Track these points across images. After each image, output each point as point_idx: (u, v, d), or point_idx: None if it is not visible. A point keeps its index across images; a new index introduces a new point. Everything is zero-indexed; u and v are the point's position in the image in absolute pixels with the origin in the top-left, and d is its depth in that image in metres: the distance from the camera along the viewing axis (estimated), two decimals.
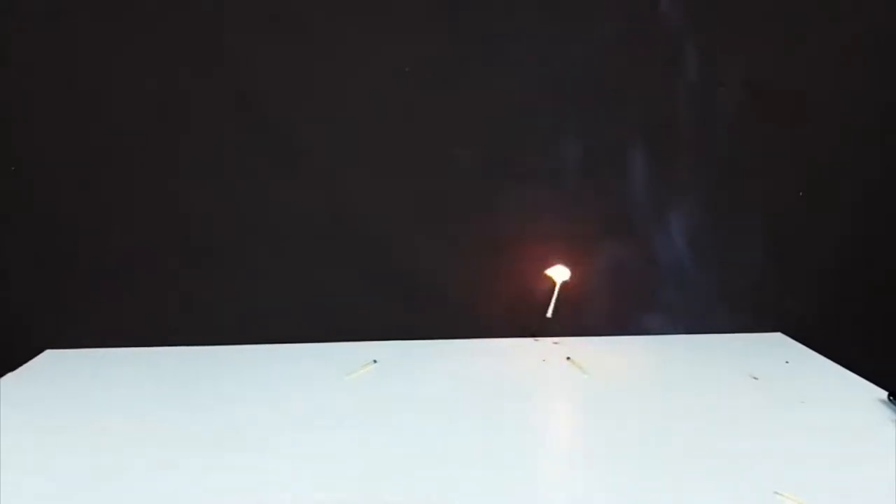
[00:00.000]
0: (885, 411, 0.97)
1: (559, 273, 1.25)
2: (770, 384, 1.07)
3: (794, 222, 1.27)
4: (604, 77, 1.21)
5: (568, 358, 1.18)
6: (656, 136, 1.22)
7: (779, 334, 1.28)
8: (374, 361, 1.16)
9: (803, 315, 1.29)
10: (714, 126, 1.23)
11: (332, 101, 1.19)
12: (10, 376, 1.13)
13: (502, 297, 1.26)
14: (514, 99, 1.20)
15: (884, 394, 1.02)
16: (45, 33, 1.15)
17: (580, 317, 1.26)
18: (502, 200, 1.23)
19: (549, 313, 1.24)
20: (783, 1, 1.20)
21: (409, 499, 0.79)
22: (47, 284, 1.22)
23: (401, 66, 1.19)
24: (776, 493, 0.78)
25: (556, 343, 1.25)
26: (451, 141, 1.21)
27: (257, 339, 1.24)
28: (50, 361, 1.19)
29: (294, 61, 1.18)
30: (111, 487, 0.81)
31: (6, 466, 0.85)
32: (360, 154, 1.21)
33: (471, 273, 1.25)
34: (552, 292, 1.24)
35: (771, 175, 1.25)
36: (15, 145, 1.18)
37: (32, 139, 1.18)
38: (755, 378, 1.09)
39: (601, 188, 1.24)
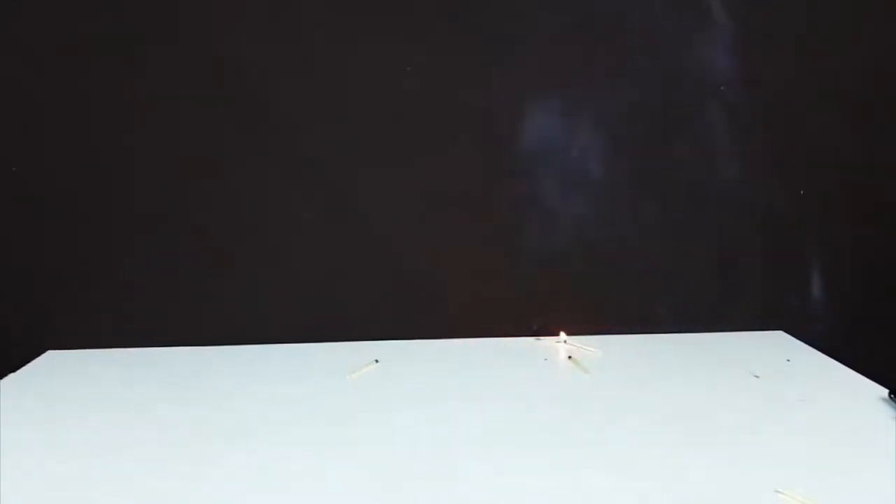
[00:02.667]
0: (886, 409, 0.97)
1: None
2: (771, 382, 1.07)
3: (796, 220, 1.27)
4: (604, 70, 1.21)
5: (569, 357, 1.18)
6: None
7: (780, 332, 1.28)
8: (376, 361, 1.16)
9: (805, 313, 1.29)
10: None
11: (333, 100, 1.20)
12: (11, 377, 1.13)
13: (503, 296, 1.26)
14: (517, 97, 1.21)
15: (884, 391, 1.02)
16: (47, 32, 1.16)
17: (582, 314, 1.27)
18: (503, 199, 1.24)
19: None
20: None
21: (409, 496, 0.79)
22: (48, 285, 1.22)
23: (402, 65, 1.19)
24: (777, 491, 0.78)
25: (557, 342, 1.25)
26: (451, 140, 1.21)
27: (259, 339, 1.24)
28: (51, 362, 1.19)
29: (296, 62, 1.18)
30: (113, 489, 0.81)
31: (7, 468, 0.85)
32: (362, 153, 1.21)
33: (472, 272, 1.25)
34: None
35: (771, 174, 1.25)
36: (16, 145, 1.19)
37: (34, 139, 1.19)
38: (756, 376, 1.09)
39: (594, 188, 1.24)
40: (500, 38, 1.19)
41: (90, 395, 1.05)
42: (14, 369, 1.14)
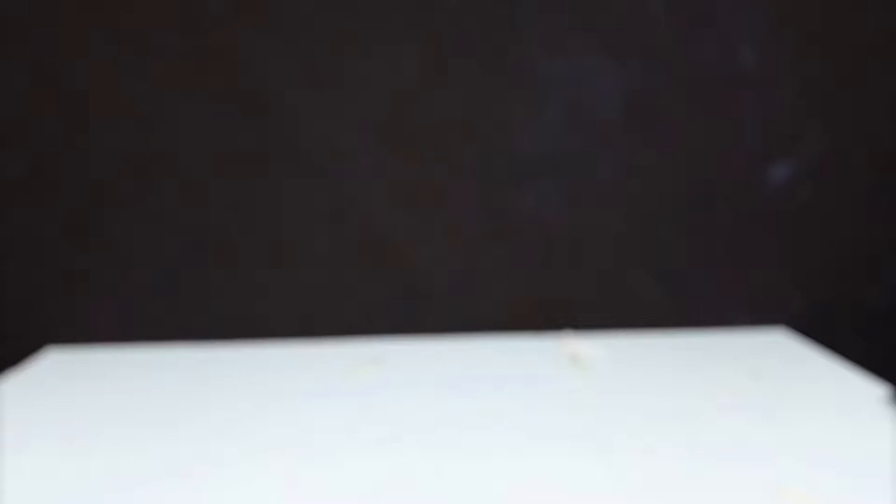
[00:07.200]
0: (887, 409, 0.97)
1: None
2: (772, 382, 1.07)
3: (797, 218, 1.26)
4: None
5: (570, 357, 1.18)
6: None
7: (781, 331, 1.28)
8: (377, 359, 1.16)
9: (806, 312, 1.29)
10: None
11: (333, 99, 1.19)
12: (11, 375, 1.13)
13: (506, 295, 1.26)
14: (519, 95, 1.20)
15: (886, 392, 1.01)
16: (46, 29, 1.16)
17: (584, 311, 1.26)
18: (507, 196, 1.23)
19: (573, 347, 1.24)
20: None
21: (408, 496, 0.79)
22: (48, 278, 1.22)
23: (403, 64, 1.19)
24: (778, 489, 0.77)
25: (559, 341, 1.25)
26: (453, 137, 1.21)
27: (259, 337, 1.25)
28: (52, 359, 1.19)
29: (296, 61, 1.18)
30: (114, 491, 0.81)
31: (8, 470, 0.85)
32: (362, 152, 1.21)
33: (474, 271, 1.25)
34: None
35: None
36: (15, 138, 1.19)
37: (33, 132, 1.19)
38: (756, 376, 1.09)
39: (600, 186, 1.24)
40: (503, 38, 1.19)
41: (94, 396, 1.05)
42: (14, 367, 1.15)
